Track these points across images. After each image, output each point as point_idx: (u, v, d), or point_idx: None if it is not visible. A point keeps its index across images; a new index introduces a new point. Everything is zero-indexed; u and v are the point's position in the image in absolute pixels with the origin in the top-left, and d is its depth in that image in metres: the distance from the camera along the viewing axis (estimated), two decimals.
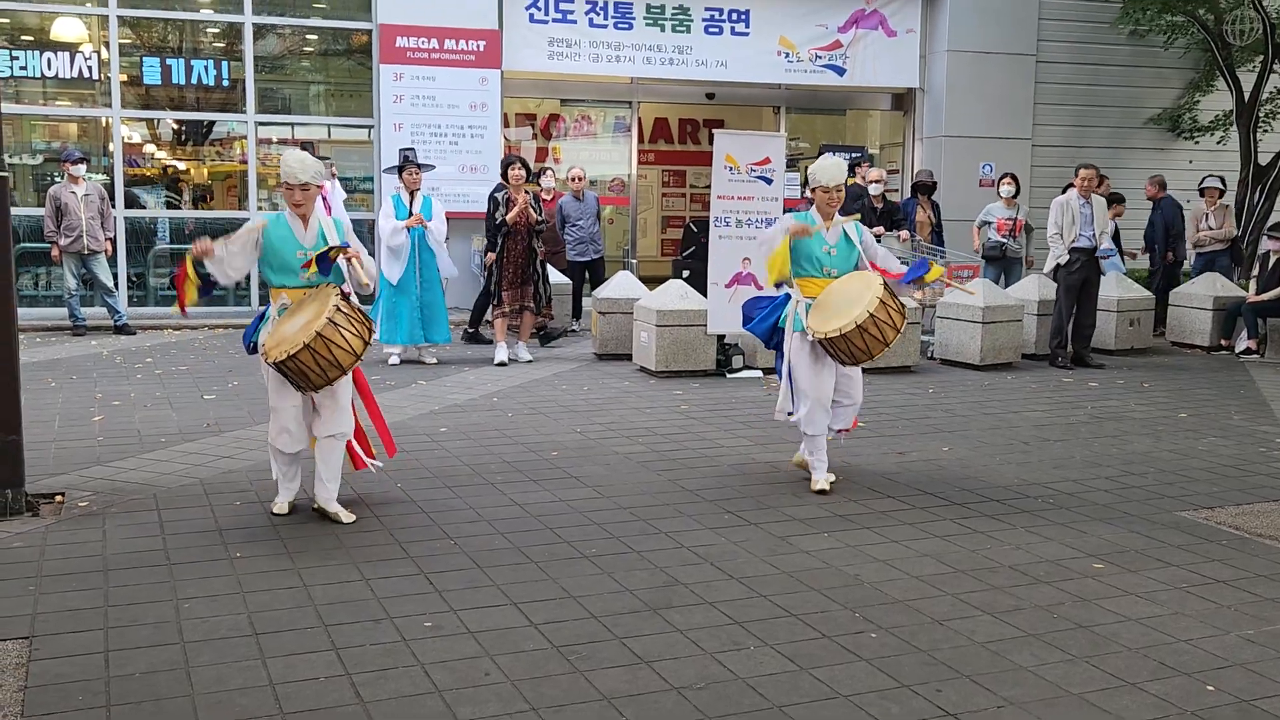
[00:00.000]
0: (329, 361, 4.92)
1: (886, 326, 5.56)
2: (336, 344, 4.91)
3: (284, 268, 5.29)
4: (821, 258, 5.92)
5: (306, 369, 4.91)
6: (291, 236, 5.30)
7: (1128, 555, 4.95)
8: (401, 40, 13.02)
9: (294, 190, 5.27)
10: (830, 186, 5.91)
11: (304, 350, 4.85)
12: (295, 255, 5.26)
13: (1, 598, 4.18)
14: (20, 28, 12.68)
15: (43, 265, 12.49)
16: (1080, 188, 10.30)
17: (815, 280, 5.92)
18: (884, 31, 14.94)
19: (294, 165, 5.28)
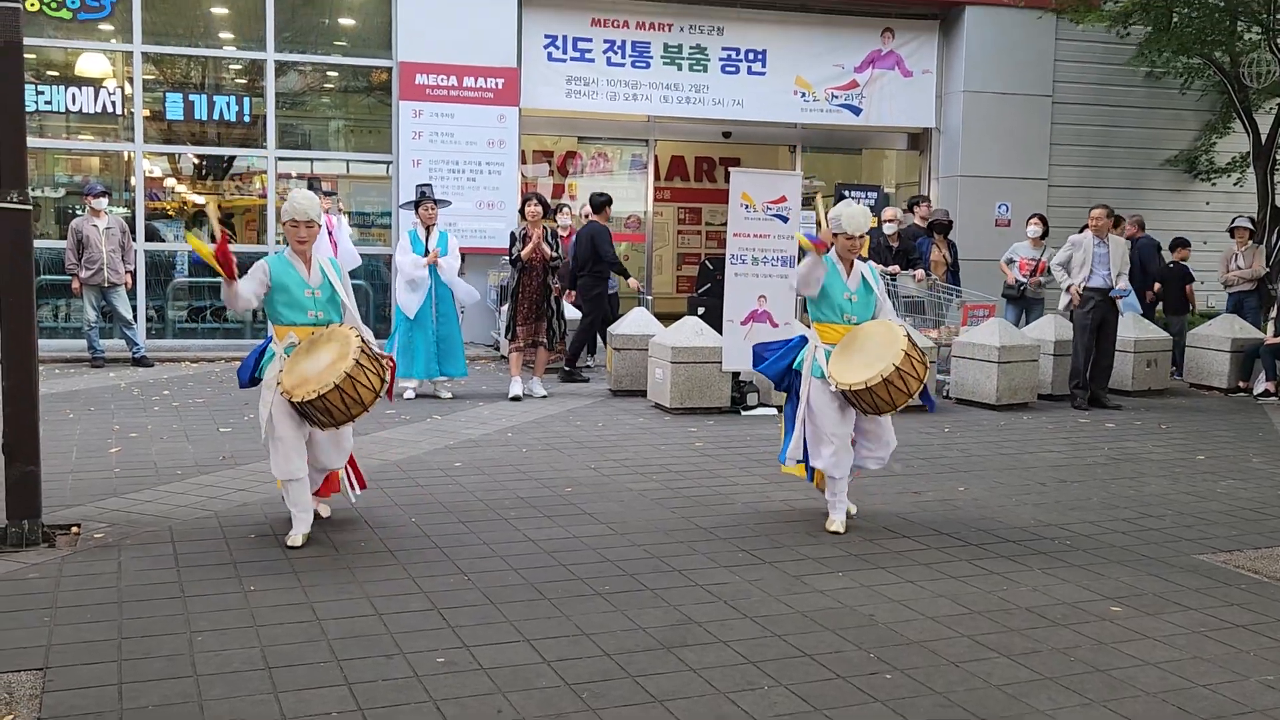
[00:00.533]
0: (353, 399, 5.15)
1: (911, 378, 5.59)
2: (361, 384, 5.15)
3: (294, 305, 5.46)
4: (842, 304, 5.92)
5: (333, 407, 5.12)
6: (298, 275, 5.48)
7: (1145, 598, 4.91)
8: (421, 78, 13.15)
9: (300, 227, 5.48)
10: (854, 235, 5.89)
11: (334, 390, 5.07)
12: (304, 294, 5.45)
13: (17, 629, 4.19)
14: (46, 63, 12.85)
15: (63, 297, 12.59)
16: (1093, 228, 10.34)
17: (835, 326, 5.92)
18: (900, 72, 15.03)
19: (303, 203, 5.50)
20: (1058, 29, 14.78)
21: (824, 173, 16.52)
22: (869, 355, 5.67)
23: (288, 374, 5.25)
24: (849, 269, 5.99)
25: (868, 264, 6.11)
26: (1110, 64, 15.17)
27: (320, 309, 5.52)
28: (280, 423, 5.33)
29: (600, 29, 13.99)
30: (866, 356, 5.68)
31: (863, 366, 5.62)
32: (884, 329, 5.83)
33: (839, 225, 5.92)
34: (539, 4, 13.75)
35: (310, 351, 5.33)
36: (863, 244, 6.01)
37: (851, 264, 6.00)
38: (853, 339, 5.85)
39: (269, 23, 13.03)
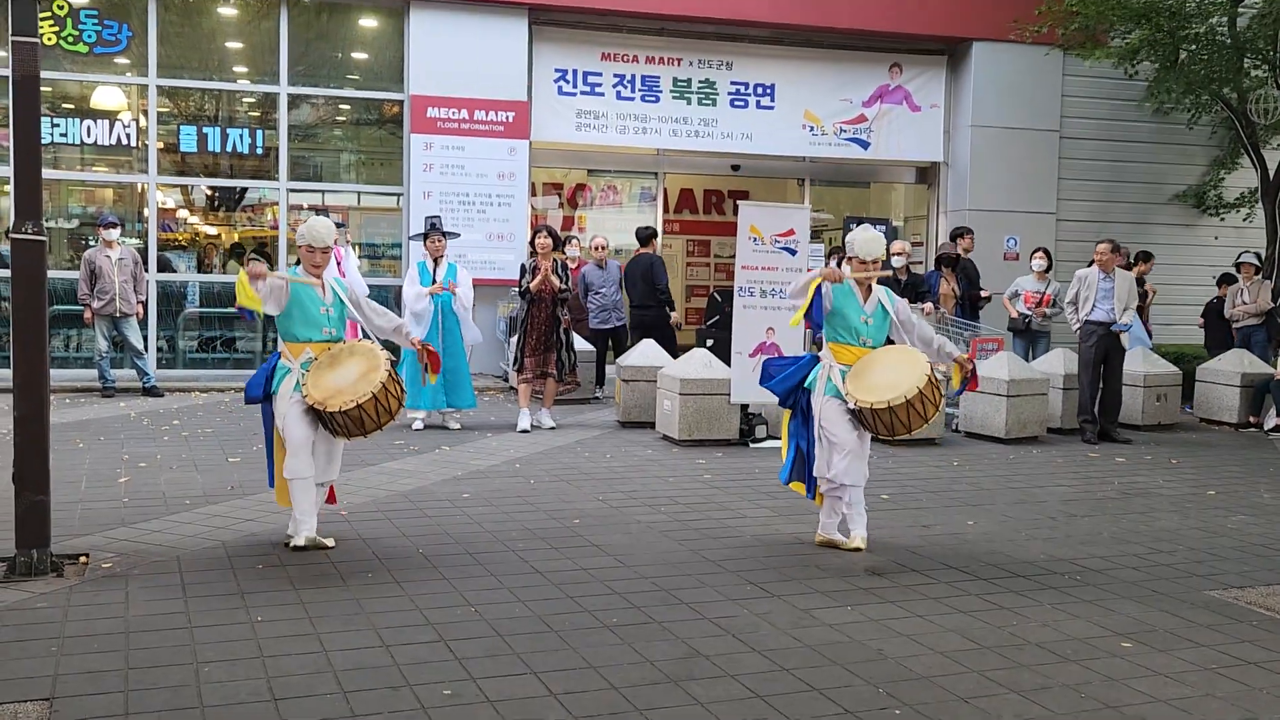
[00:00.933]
0: (384, 409, 5.53)
1: (929, 404, 5.70)
2: (392, 394, 5.55)
3: (310, 323, 5.78)
4: (858, 327, 6.00)
5: (366, 417, 5.48)
6: (315, 295, 5.80)
7: (1156, 634, 4.88)
8: (432, 111, 13.26)
9: (316, 252, 5.82)
10: (868, 260, 6.00)
11: (370, 400, 5.43)
12: (320, 311, 5.80)
13: (23, 659, 4.19)
14: (62, 96, 12.99)
15: (74, 327, 12.66)
16: (1098, 262, 10.39)
17: (850, 348, 6.00)
18: (908, 106, 15.11)
19: (321, 230, 5.82)
20: (1065, 65, 14.86)
21: (832, 206, 16.58)
22: (890, 377, 5.75)
23: (314, 387, 5.53)
24: (865, 293, 6.08)
25: (885, 289, 6.19)
26: (1118, 99, 15.23)
27: (333, 326, 5.84)
28: (294, 426, 5.59)
29: (610, 63, 14.11)
30: (887, 378, 5.75)
31: (884, 387, 5.70)
32: (906, 353, 5.95)
33: (852, 250, 6.01)
34: (550, 38, 13.88)
35: (333, 365, 5.65)
36: (876, 268, 6.07)
37: (869, 289, 6.08)
38: (872, 360, 5.94)
39: (282, 56, 13.17)
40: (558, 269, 10.05)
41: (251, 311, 5.64)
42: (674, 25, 14.17)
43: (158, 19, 12.85)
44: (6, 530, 5.46)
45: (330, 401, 5.42)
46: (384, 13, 13.60)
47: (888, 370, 5.82)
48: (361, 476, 7.69)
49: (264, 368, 5.88)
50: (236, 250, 14.01)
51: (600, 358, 12.48)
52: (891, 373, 5.79)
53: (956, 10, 14.56)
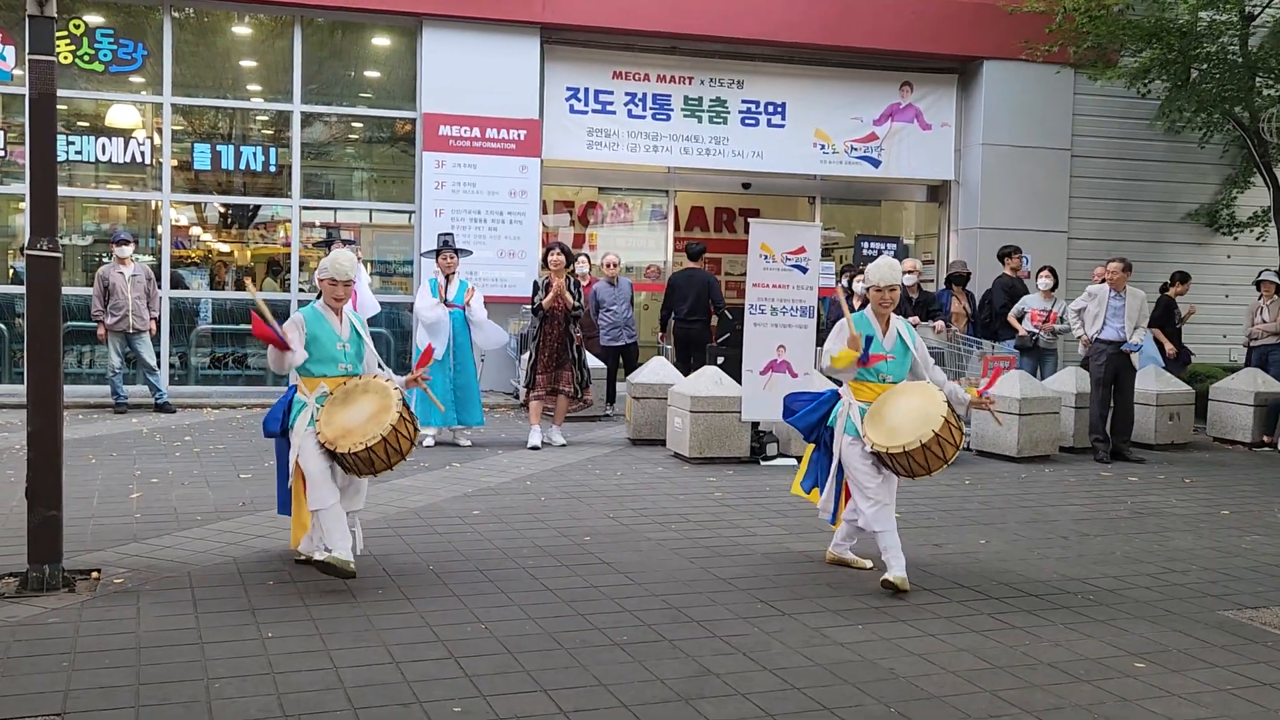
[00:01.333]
0: (394, 450, 5.40)
1: (949, 445, 5.53)
2: (403, 435, 5.41)
3: (326, 359, 5.69)
4: (878, 364, 5.86)
5: (376, 458, 5.35)
6: (330, 329, 5.72)
7: (1170, 655, 4.85)
8: (444, 129, 13.31)
9: (338, 285, 5.74)
10: (883, 286, 5.87)
11: (380, 443, 5.30)
12: (336, 347, 5.70)
13: (35, 673, 4.20)
14: (77, 114, 13.08)
15: (87, 343, 12.71)
16: (1109, 281, 10.37)
17: (869, 385, 5.86)
18: (919, 125, 15.13)
19: (345, 264, 5.76)
20: (1076, 83, 14.86)
21: (843, 224, 16.57)
22: (907, 418, 5.59)
23: (327, 425, 5.43)
24: (884, 326, 5.94)
25: (904, 322, 6.08)
26: (1130, 118, 15.22)
27: (349, 361, 5.75)
28: (310, 459, 5.50)
29: (621, 81, 14.16)
30: (904, 419, 5.60)
31: (901, 430, 5.55)
32: (923, 393, 5.74)
33: (868, 278, 5.93)
34: (561, 56, 13.94)
35: (347, 402, 5.53)
36: (894, 298, 5.95)
37: (887, 321, 5.95)
38: (889, 400, 5.76)
39: (296, 75, 13.25)
40: (570, 286, 10.07)
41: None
42: (685, 44, 14.23)
43: (173, 38, 12.95)
44: (19, 545, 5.47)
45: (340, 442, 5.34)
46: (397, 31, 13.68)
47: (904, 412, 5.65)
48: (372, 493, 7.67)
49: (281, 401, 5.81)
50: (248, 271, 14.10)
51: (611, 375, 12.50)
52: (908, 414, 5.62)
53: (967, 29, 14.58)
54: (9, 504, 6.96)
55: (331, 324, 5.73)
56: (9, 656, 4.37)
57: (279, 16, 13.30)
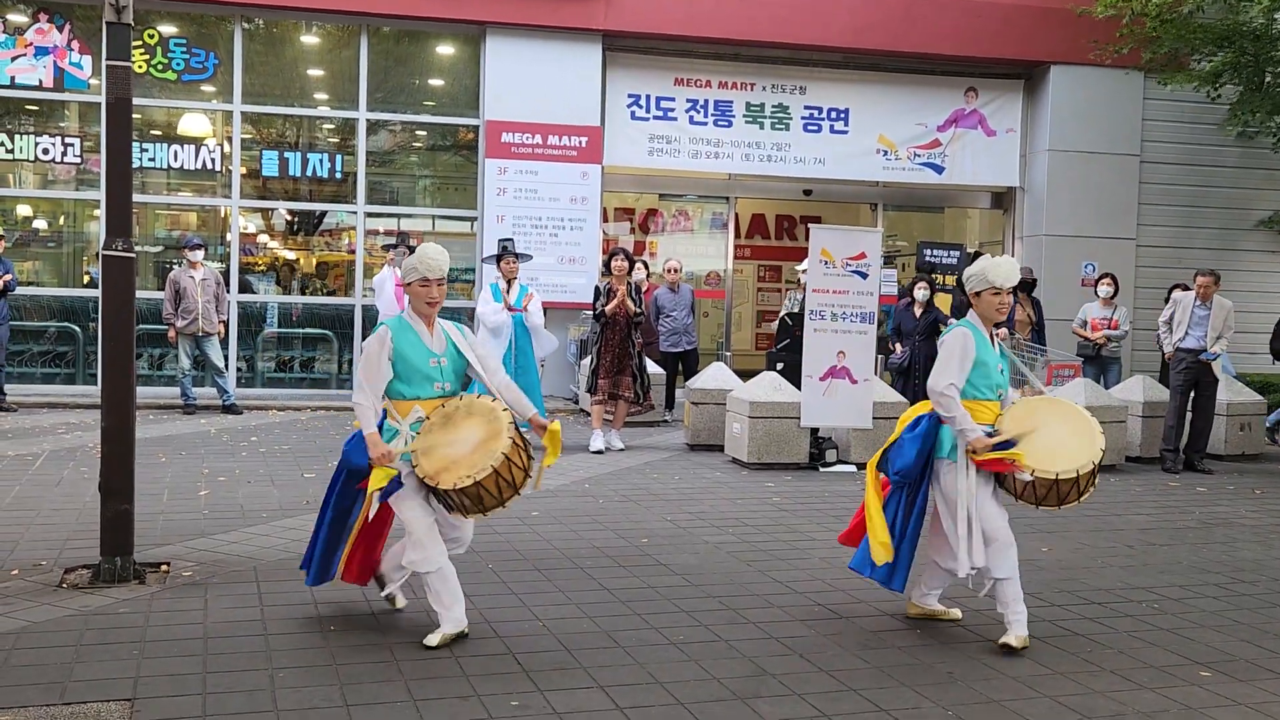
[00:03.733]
0: (508, 483, 4.51)
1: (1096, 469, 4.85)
2: (516, 465, 4.52)
3: (417, 378, 4.70)
4: (996, 378, 5.02)
5: (485, 494, 4.47)
6: (420, 343, 4.72)
7: (1237, 664, 4.75)
8: (507, 136, 13.44)
9: (431, 285, 4.71)
10: (1004, 288, 5.00)
11: (491, 476, 4.43)
12: (429, 364, 4.71)
13: (108, 660, 4.31)
14: (150, 122, 13.40)
15: (158, 346, 13.01)
16: (1197, 292, 10.25)
17: (987, 404, 4.97)
18: (983, 131, 14.98)
19: (437, 258, 4.73)
20: (1145, 88, 14.64)
21: (905, 231, 16.46)
22: (1064, 437, 4.81)
23: (425, 456, 4.55)
24: (991, 335, 5.08)
25: None
26: (1201, 123, 14.93)
27: (447, 379, 4.76)
28: (410, 508, 4.64)
29: (683, 88, 14.20)
30: (1062, 439, 4.80)
31: (1065, 452, 4.75)
32: (1061, 407, 5.00)
33: (984, 280, 5.03)
34: (623, 63, 14.01)
35: (446, 428, 4.62)
36: (1009, 301, 5.10)
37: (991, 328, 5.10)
38: (1028, 418, 4.91)
39: (362, 83, 13.47)
40: (632, 292, 10.12)
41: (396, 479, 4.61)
42: (747, 50, 14.23)
43: (243, 47, 13.23)
44: (92, 539, 5.63)
45: (444, 477, 4.46)
46: (461, 39, 13.85)
47: (1055, 429, 4.82)
48: None
49: (356, 435, 4.78)
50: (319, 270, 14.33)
51: (670, 380, 12.51)
52: (1064, 432, 4.83)
53: (1033, 33, 14.42)
54: (83, 499, 7.15)
55: (421, 336, 4.73)
56: (83, 644, 4.49)
57: (346, 26, 13.52)
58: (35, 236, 13.89)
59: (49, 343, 13.11)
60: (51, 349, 13.11)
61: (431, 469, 4.51)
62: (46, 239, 13.94)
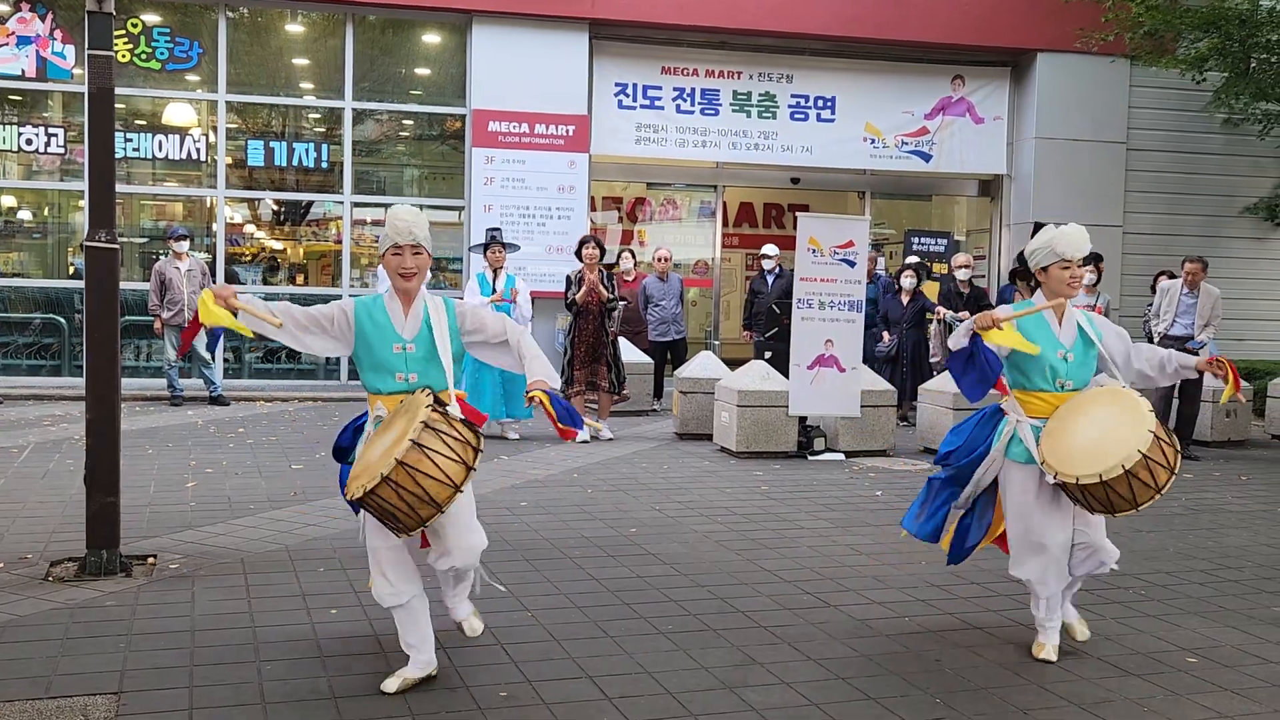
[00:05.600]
0: (418, 497, 3.67)
1: (1160, 468, 4.15)
2: (425, 473, 3.67)
3: (378, 366, 4.06)
4: (1055, 365, 4.48)
5: (391, 508, 3.71)
6: (388, 324, 4.06)
7: (1223, 650, 4.77)
8: (494, 125, 13.40)
9: (404, 253, 4.01)
10: (1074, 259, 4.47)
11: (383, 484, 3.64)
12: (392, 350, 4.03)
13: (94, 654, 4.30)
14: (134, 112, 13.33)
15: (144, 337, 12.95)
16: (1185, 279, 10.29)
17: (1044, 396, 4.49)
18: (971, 118, 15.00)
19: (407, 219, 4.03)
20: (1132, 75, 14.66)
21: (893, 219, 16.47)
22: (1099, 435, 4.22)
23: (356, 462, 3.96)
24: (1060, 316, 4.56)
25: (1083, 311, 4.71)
26: (1187, 110, 14.97)
27: (414, 369, 4.05)
28: (372, 535, 4.03)
29: (670, 77, 14.18)
30: (1095, 437, 4.23)
31: (1092, 454, 4.17)
32: (1117, 400, 4.34)
33: (1051, 252, 4.50)
34: (610, 52, 13.98)
35: (385, 429, 3.93)
36: (1083, 276, 4.59)
37: (1064, 309, 4.58)
38: (1071, 412, 4.41)
39: (348, 72, 13.41)
40: (604, 279, 10.09)
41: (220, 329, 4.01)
42: (734, 39, 14.21)
43: (227, 37, 13.16)
44: (78, 531, 5.60)
45: (351, 485, 3.78)
46: (447, 28, 13.79)
47: (1093, 425, 4.28)
48: None
49: (353, 423, 4.37)
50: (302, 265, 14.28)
51: (659, 370, 12.51)
52: (1101, 429, 4.25)
53: (1020, 21, 14.43)
54: (68, 491, 7.12)
55: (393, 317, 4.06)
56: (68, 638, 4.47)
57: (331, 15, 13.46)
58: (19, 227, 13.81)
59: (33, 334, 13.05)
60: (36, 340, 13.05)
61: (350, 476, 3.89)
62: (30, 230, 13.88)
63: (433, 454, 3.67)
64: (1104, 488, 4.12)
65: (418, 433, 3.66)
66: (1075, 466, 4.17)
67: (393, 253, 4.03)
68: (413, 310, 4.09)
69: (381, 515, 3.76)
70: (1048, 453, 4.32)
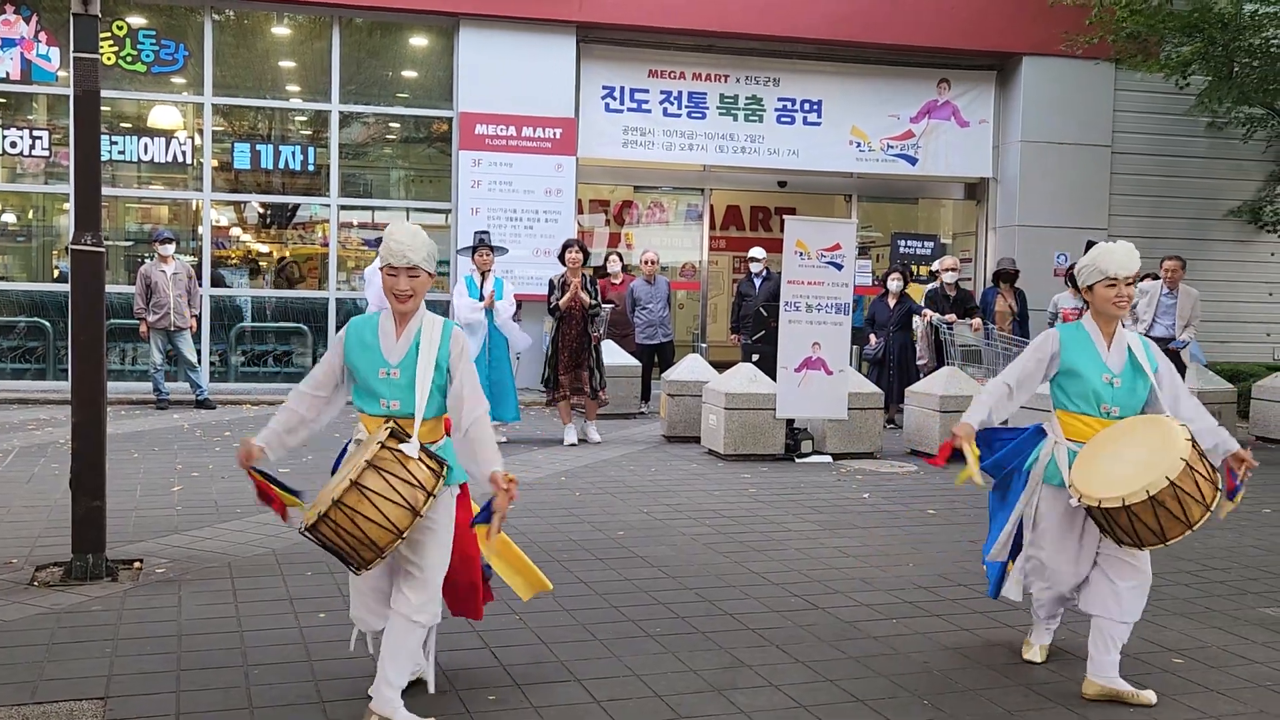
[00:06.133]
0: (357, 539, 3.43)
1: (1192, 501, 3.86)
2: (365, 515, 3.40)
3: (363, 390, 3.79)
4: (1100, 390, 4.24)
5: (334, 545, 3.50)
6: (376, 346, 3.79)
7: (1209, 651, 4.80)
8: (481, 128, 13.40)
9: (399, 275, 3.75)
10: (1120, 277, 4.24)
11: (321, 522, 3.44)
12: (377, 375, 3.76)
13: (80, 659, 4.28)
14: (120, 115, 13.28)
15: (129, 341, 12.90)
16: (1165, 278, 10.31)
17: (1088, 420, 4.26)
18: (956, 122, 15.05)
19: (405, 241, 3.77)
20: (1116, 79, 14.75)
21: (880, 222, 16.52)
22: (1132, 461, 3.99)
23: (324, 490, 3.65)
24: (1109, 338, 4.32)
25: (1139, 335, 4.45)
26: (1171, 114, 15.06)
27: (396, 396, 3.74)
28: None
29: (657, 80, 14.19)
30: (1128, 463, 3.99)
31: (1123, 481, 3.92)
32: (1157, 429, 4.06)
33: (1096, 270, 4.29)
34: (597, 55, 13.99)
35: (352, 457, 3.74)
36: (1131, 296, 4.34)
37: (1113, 331, 4.34)
38: (1111, 438, 4.18)
39: (334, 75, 13.38)
40: (587, 284, 10.09)
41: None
42: (721, 42, 14.23)
43: (213, 39, 13.13)
44: (64, 535, 5.57)
45: (309, 512, 3.55)
46: (434, 31, 13.78)
47: (1129, 451, 4.05)
48: None
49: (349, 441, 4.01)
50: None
51: (646, 373, 12.52)
52: (1132, 454, 4.02)
53: (1005, 25, 14.49)
54: (54, 496, 7.09)
55: (383, 339, 3.80)
56: (54, 643, 4.45)
57: (318, 17, 13.44)
58: (3, 231, 13.75)
59: (18, 338, 12.99)
60: (21, 344, 12.98)
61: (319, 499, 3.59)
62: (15, 233, 13.81)
63: (373, 496, 3.39)
64: (1128, 514, 3.90)
65: (358, 472, 3.41)
66: (1099, 489, 3.96)
67: (388, 272, 3.77)
68: (406, 332, 3.79)
69: (327, 550, 3.56)
70: (1075, 475, 4.11)
